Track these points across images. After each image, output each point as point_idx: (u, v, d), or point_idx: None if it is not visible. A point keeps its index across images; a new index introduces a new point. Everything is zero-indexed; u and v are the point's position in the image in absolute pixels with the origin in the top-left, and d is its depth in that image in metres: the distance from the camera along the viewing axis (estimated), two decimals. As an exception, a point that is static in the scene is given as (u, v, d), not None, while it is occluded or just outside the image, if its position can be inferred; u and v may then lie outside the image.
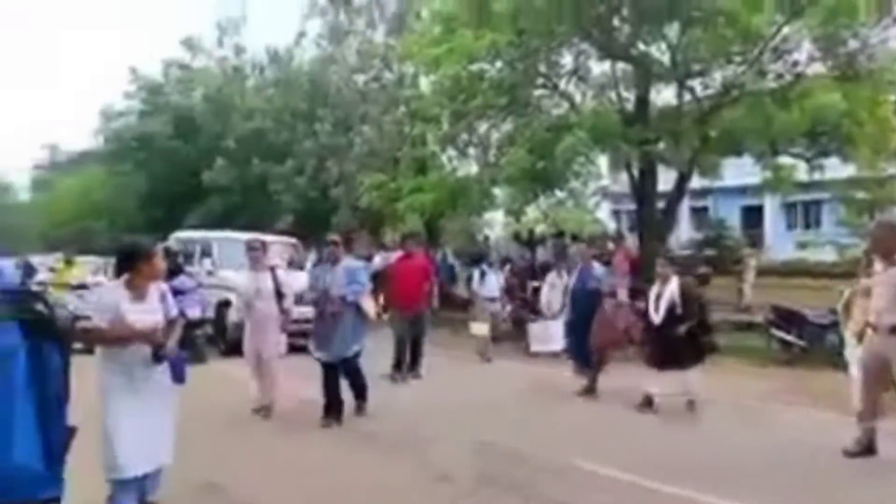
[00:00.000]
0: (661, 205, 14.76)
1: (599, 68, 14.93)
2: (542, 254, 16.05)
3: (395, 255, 10.33)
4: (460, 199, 15.31)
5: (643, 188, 14.45)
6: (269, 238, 13.75)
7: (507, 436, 6.00)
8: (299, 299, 7.25)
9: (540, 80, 14.69)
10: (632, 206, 16.11)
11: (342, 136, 21.66)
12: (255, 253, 7.01)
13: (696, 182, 15.39)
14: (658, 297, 7.03)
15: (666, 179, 14.79)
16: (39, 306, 2.12)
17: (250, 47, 27.08)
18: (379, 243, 19.99)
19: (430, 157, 16.98)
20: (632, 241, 15.77)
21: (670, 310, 6.88)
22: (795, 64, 12.66)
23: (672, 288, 6.98)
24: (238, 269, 8.62)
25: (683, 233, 22.82)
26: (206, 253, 12.64)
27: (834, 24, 11.34)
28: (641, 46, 13.55)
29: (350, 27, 22.32)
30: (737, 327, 11.85)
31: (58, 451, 2.12)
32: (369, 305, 6.64)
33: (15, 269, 10.82)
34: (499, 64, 14.26)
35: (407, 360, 8.89)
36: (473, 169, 16.78)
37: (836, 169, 13.95)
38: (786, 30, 12.16)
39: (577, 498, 4.54)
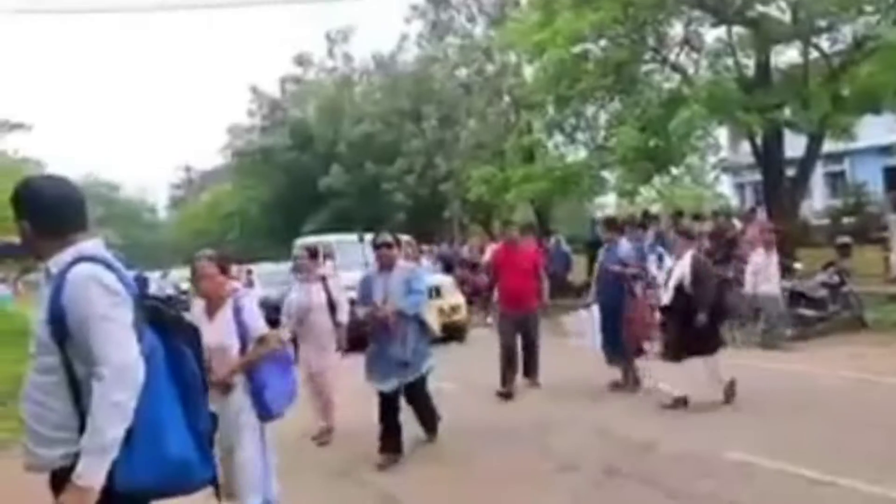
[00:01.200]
0: (790, 173, 13.77)
1: (713, 35, 14.16)
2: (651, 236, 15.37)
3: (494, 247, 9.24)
4: (571, 186, 15.06)
5: (768, 157, 13.55)
6: (339, 238, 13.84)
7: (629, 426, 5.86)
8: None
9: (648, 55, 14.14)
10: (757, 178, 15.15)
11: (448, 131, 21.95)
12: (303, 262, 6.17)
13: (828, 146, 14.22)
14: (669, 275, 6.43)
15: (793, 146, 13.77)
16: (172, 311, 2.31)
17: (357, 55, 28.08)
18: (489, 235, 20.07)
19: (537, 145, 16.82)
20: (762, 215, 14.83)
21: (678, 289, 6.19)
22: (940, 5, 11.38)
23: (684, 264, 6.26)
24: (355, 269, 8.79)
25: (817, 201, 21.15)
26: (328, 255, 13.24)
27: None
28: (759, 7, 12.69)
29: (450, 24, 22.53)
30: (886, 300, 10.86)
31: (205, 437, 2.29)
32: (432, 317, 5.83)
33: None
34: (603, 42, 13.87)
35: (519, 369, 7.37)
36: (582, 153, 16.45)
37: None
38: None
39: (720, 488, 4.36)
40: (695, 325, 6.02)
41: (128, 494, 2.08)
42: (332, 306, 5.97)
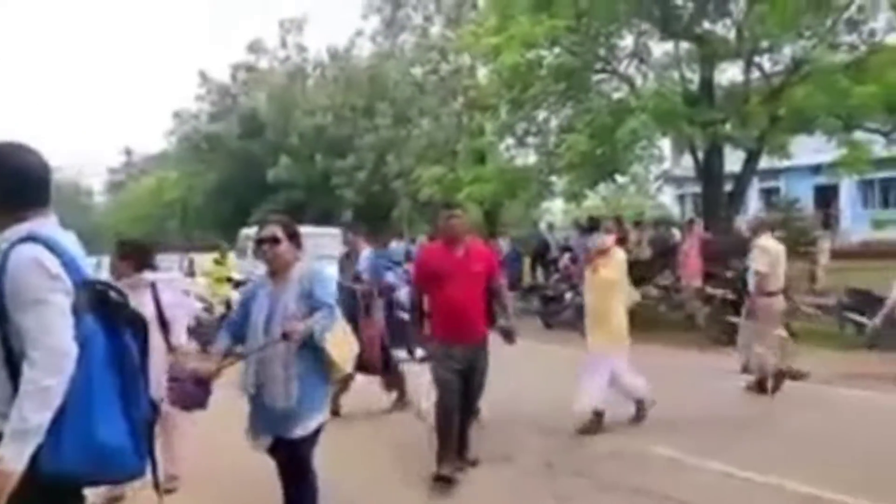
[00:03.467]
0: (728, 187, 14.34)
1: (661, 49, 14.63)
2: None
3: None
4: (519, 188, 15.30)
5: (709, 170, 14.08)
6: (310, 230, 13.83)
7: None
8: None
9: (599, 65, 14.49)
10: (697, 189, 15.70)
11: (401, 128, 21.95)
12: (113, 262, 4.37)
13: (765, 162, 14.88)
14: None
15: (732, 160, 14.36)
16: (114, 295, 2.26)
17: (311, 46, 27.81)
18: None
19: (489, 148, 17.01)
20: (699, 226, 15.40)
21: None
22: (871, 34, 12.06)
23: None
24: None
25: (749, 215, 22.10)
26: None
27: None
28: (705, 24, 13.18)
29: (406, 22, 22.55)
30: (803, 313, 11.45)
31: (143, 426, 2.25)
32: (341, 346, 3.43)
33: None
34: (557, 50, 14.14)
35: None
36: (532, 158, 16.73)
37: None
38: (861, -1, 11.62)
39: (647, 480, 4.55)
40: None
41: (54, 479, 2.05)
42: (163, 322, 4.28)
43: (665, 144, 16.46)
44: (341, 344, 3.39)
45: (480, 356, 4.66)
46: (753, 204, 22.54)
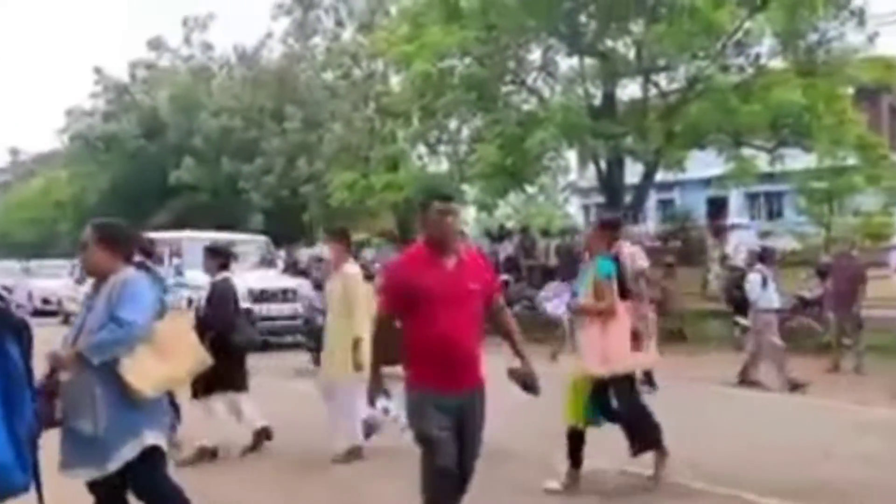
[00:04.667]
0: (629, 198, 15.01)
1: (567, 64, 15.16)
2: (508, 248, 16.17)
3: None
4: (431, 196, 15.38)
5: (611, 182, 14.70)
6: (237, 237, 13.70)
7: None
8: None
9: (509, 76, 14.84)
10: (600, 200, 16.34)
11: (311, 133, 21.58)
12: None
13: (662, 175, 15.68)
14: None
15: (633, 172, 15.05)
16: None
17: (218, 45, 26.86)
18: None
19: (401, 154, 17.04)
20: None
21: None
22: (757, 58, 13.00)
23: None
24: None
25: (650, 225, 23.21)
26: (174, 253, 12.52)
27: (794, 19, 11.67)
28: (608, 42, 13.79)
29: (318, 25, 22.25)
30: (702, 315, 12.14)
31: (26, 441, 2.12)
32: (146, 368, 3.00)
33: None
34: (468, 60, 14.37)
35: None
36: (444, 166, 16.89)
37: (796, 160, 14.35)
38: (748, 24, 12.48)
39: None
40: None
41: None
42: None
43: (571, 156, 17.05)
44: (148, 365, 2.97)
45: (478, 407, 3.22)
46: (652, 214, 23.70)
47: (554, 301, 7.65)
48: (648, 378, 7.07)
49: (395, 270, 3.43)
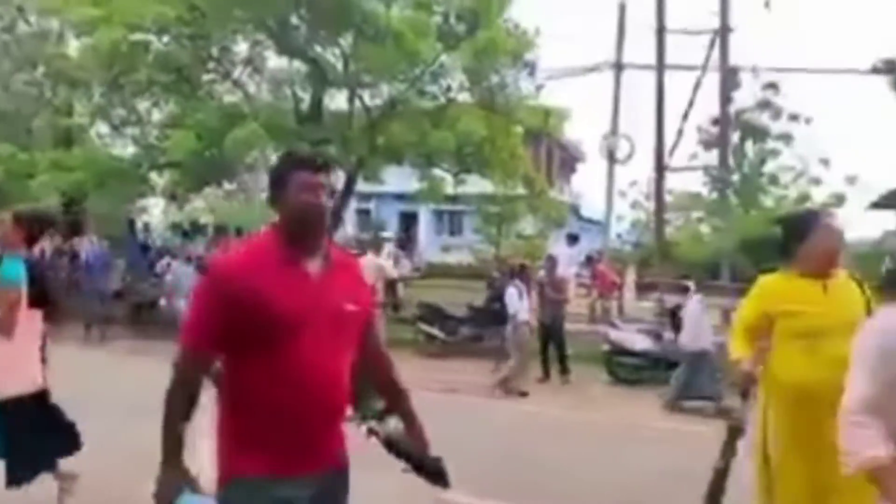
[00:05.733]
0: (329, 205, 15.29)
1: (276, 63, 14.91)
2: (199, 247, 15.27)
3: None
4: (112, 182, 13.72)
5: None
6: None
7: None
8: None
9: (212, 64, 14.03)
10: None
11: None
12: None
13: (361, 186, 16.34)
14: None
15: (335, 181, 15.41)
16: None
17: None
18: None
19: (78, 130, 14.88)
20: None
21: None
22: (449, 89, 14.36)
23: None
24: None
25: (349, 232, 24.03)
26: None
27: (480, 61, 13.18)
28: (318, 49, 13.92)
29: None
30: (390, 322, 12.93)
31: None
32: None
33: None
34: (166, 38, 13.23)
35: None
36: (130, 149, 15.24)
37: (476, 184, 16.22)
38: (444, 58, 13.72)
39: None
40: None
41: None
42: None
43: (276, 157, 16.76)
44: None
45: (340, 492, 2.04)
46: (350, 223, 24.56)
47: None
48: None
49: (223, 277, 1.90)
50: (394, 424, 2.04)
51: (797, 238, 2.92)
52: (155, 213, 21.26)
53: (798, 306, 2.85)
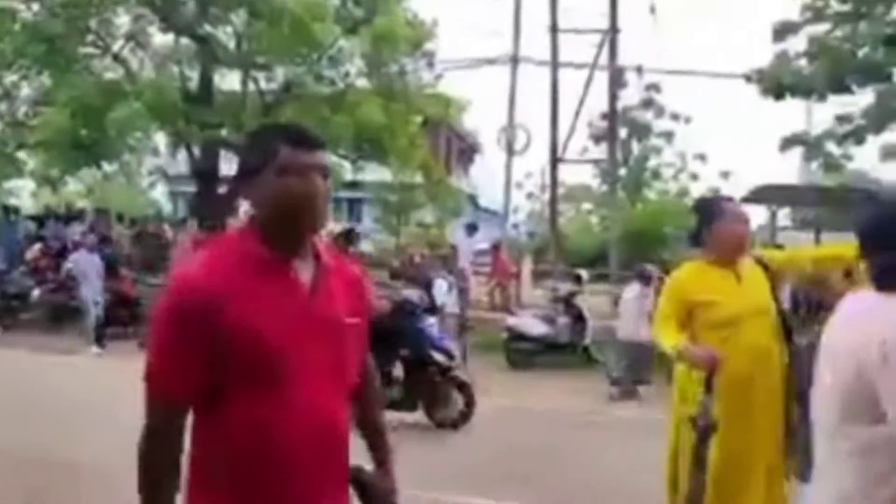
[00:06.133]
0: (222, 190, 14.71)
1: (162, 39, 14.07)
2: (76, 231, 14.20)
3: None
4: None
5: (204, 172, 14.17)
6: None
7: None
8: None
9: (90, 37, 13.05)
10: (192, 189, 15.62)
11: None
12: None
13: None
14: None
15: (228, 166, 14.80)
16: None
17: None
18: None
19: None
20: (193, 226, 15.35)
21: None
22: (347, 75, 14.13)
23: None
24: None
25: (243, 219, 23.22)
26: None
27: (378, 48, 13.05)
28: (208, 27, 13.26)
29: None
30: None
31: None
32: None
33: None
34: (36, 6, 12.17)
35: None
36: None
37: (375, 172, 16.09)
38: (342, 42, 13.47)
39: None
40: None
41: None
42: None
43: (161, 139, 15.89)
44: None
45: None
46: (245, 208, 23.71)
47: None
48: None
49: (191, 297, 1.41)
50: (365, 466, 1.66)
51: (705, 223, 2.90)
52: (24, 196, 19.63)
53: (714, 296, 2.83)
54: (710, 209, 2.96)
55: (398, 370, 6.16)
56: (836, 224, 15.46)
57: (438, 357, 6.04)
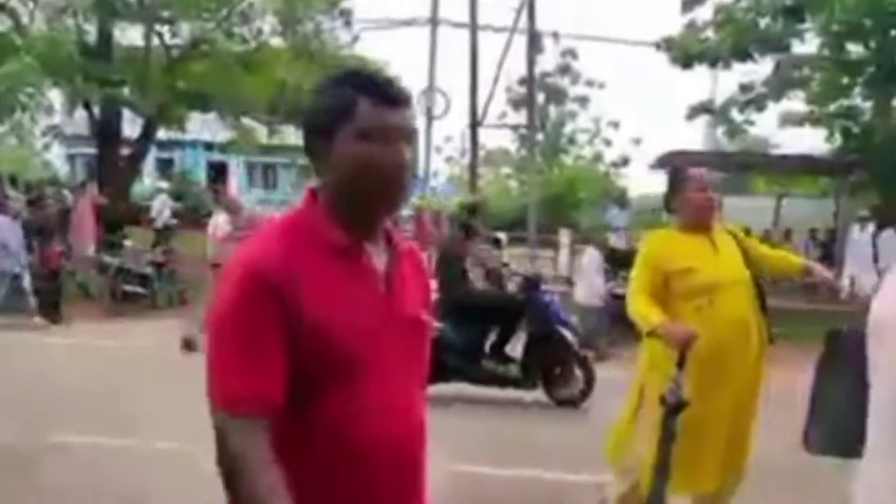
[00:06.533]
0: (125, 152, 13.92)
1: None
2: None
3: None
4: None
5: (105, 133, 13.35)
6: None
7: None
8: None
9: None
10: (91, 151, 14.71)
11: None
12: None
13: (162, 133, 15.05)
14: None
15: (132, 126, 14.00)
16: None
17: None
18: None
19: None
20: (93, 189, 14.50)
21: None
22: (260, 32, 13.55)
23: None
24: None
25: (147, 183, 22.10)
26: None
27: (292, 4, 12.56)
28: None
29: None
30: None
31: None
32: None
33: None
34: None
35: None
36: None
37: (293, 136, 15.60)
38: (253, -1, 12.88)
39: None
40: None
41: None
42: None
43: (56, 97, 14.80)
44: None
45: None
46: (150, 172, 22.58)
47: None
48: None
49: (271, 279, 1.15)
50: None
51: (674, 191, 2.88)
52: None
53: (690, 263, 2.77)
54: (676, 177, 2.94)
55: (513, 347, 5.90)
56: (737, 188, 16.32)
57: (566, 332, 5.81)
